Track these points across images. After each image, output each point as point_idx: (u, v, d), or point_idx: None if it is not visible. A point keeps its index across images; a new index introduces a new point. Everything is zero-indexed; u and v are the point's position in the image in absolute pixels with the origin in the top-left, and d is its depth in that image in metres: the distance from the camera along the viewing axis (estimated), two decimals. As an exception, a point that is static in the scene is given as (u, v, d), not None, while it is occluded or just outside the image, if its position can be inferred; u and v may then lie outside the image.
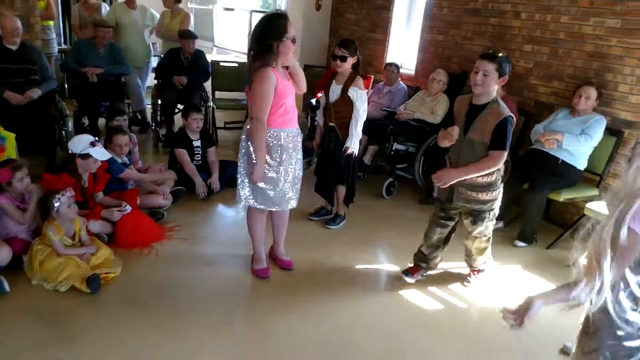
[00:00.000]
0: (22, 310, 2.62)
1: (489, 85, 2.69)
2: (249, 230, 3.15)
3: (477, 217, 2.93)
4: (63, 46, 6.91)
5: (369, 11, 6.37)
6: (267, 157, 2.82)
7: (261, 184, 2.85)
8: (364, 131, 4.70)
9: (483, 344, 2.70)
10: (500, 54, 2.70)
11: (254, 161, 2.80)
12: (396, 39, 6.18)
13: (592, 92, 3.75)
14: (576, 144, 3.69)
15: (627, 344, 1.55)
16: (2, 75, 4.30)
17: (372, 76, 5.92)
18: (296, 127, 2.94)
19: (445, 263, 3.48)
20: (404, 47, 6.15)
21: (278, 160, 2.85)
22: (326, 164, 3.75)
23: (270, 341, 2.56)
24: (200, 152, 4.42)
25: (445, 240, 3.15)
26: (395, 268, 3.37)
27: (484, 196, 2.85)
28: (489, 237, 3.08)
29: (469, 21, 5.04)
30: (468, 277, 3.24)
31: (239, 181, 2.96)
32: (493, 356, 2.62)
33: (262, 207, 2.97)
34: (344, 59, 3.46)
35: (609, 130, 3.81)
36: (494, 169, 2.76)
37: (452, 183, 2.82)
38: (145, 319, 2.63)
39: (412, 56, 5.86)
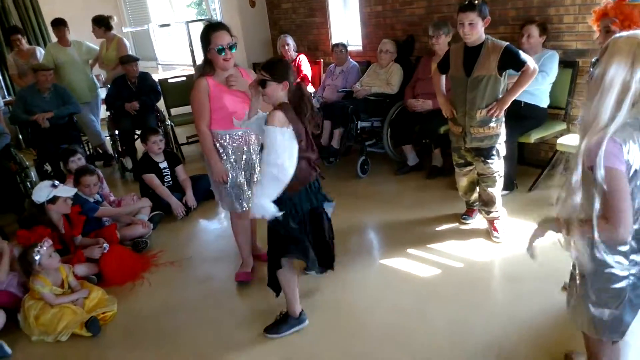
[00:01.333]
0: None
1: (478, 32, 2.92)
2: (235, 239, 3.15)
3: (487, 156, 3.13)
4: (7, 98, 6.71)
5: (304, -3, 6.35)
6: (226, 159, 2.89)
7: (225, 185, 2.92)
8: (326, 116, 4.75)
9: (485, 296, 2.77)
10: (476, 1, 2.87)
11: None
12: (337, 18, 6.18)
13: (534, 30, 3.81)
14: (534, 84, 3.77)
15: (613, 285, 1.60)
16: (-49, 141, 4.18)
17: (322, 60, 5.93)
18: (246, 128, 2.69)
19: (436, 226, 3.55)
20: (346, 25, 6.16)
21: (231, 160, 2.90)
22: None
23: (283, 341, 2.57)
24: (169, 173, 4.38)
25: (477, 182, 3.32)
26: (396, 244, 3.36)
27: (492, 130, 3.07)
28: (501, 175, 3.21)
29: (404, -14, 5.06)
30: (494, 232, 3.28)
31: (214, 191, 3.04)
32: (497, 302, 2.69)
33: (235, 209, 3.00)
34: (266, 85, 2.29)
35: (564, 63, 3.88)
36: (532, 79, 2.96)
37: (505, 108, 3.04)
38: (153, 350, 2.62)
39: (356, 32, 5.87)
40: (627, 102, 1.41)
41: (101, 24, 5.69)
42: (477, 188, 3.38)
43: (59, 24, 5.57)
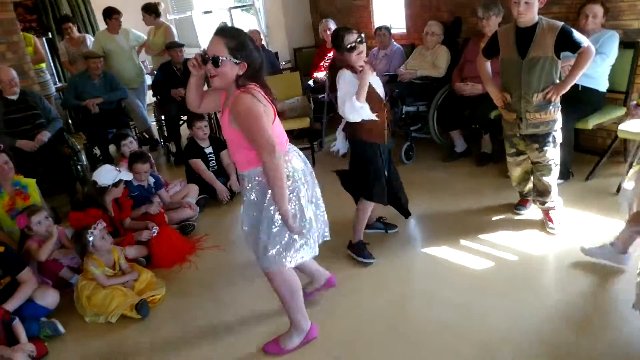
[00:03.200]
0: (83, 353, 2.65)
1: (533, 12, 2.79)
2: (282, 296, 2.34)
3: (542, 141, 3.00)
4: (59, 84, 6.98)
5: (346, -20, 6.25)
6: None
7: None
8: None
9: (540, 291, 2.67)
10: None
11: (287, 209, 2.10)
12: (379, 1, 6.05)
13: (599, 9, 3.59)
14: (592, 66, 3.58)
15: None
16: (9, 126, 4.35)
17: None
18: (241, 170, 2.23)
19: (488, 216, 3.44)
20: (389, 7, 6.03)
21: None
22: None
23: (333, 328, 2.53)
24: (214, 158, 4.42)
25: (531, 171, 3.20)
26: (446, 234, 3.26)
27: (549, 116, 2.94)
28: (557, 163, 3.08)
29: (452, -34, 4.89)
30: (549, 223, 3.15)
31: (260, 246, 2.21)
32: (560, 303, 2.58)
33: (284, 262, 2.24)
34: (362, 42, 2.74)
35: (624, 44, 3.66)
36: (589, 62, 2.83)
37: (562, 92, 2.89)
38: (202, 334, 2.65)
39: (400, 15, 5.74)
40: None
41: (151, 11, 5.92)
42: (532, 177, 3.23)
43: (115, 13, 5.71)
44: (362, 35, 2.74)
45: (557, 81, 2.91)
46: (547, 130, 2.98)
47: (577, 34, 2.80)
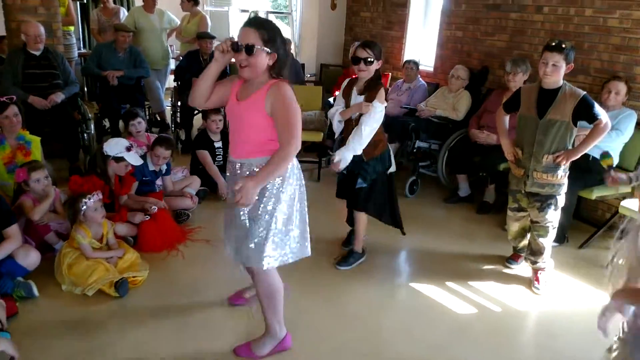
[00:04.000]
0: (52, 319, 2.62)
1: (559, 75, 2.83)
2: (263, 296, 2.31)
3: (544, 202, 3.02)
4: (83, 50, 6.99)
5: (384, 8, 6.34)
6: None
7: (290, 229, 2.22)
8: (385, 130, 4.69)
9: (518, 347, 2.66)
10: (565, 45, 2.79)
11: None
12: (413, 35, 6.13)
13: (622, 87, 3.68)
14: (607, 140, 3.61)
15: None
16: (26, 80, 4.35)
17: (390, 73, 5.88)
18: (241, 157, 2.18)
19: (478, 264, 3.45)
20: (421, 44, 6.10)
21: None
22: (347, 187, 3.20)
23: (297, 343, 2.52)
24: (222, 153, 4.42)
25: (529, 229, 3.22)
26: (434, 273, 3.27)
27: (556, 178, 2.97)
28: (555, 227, 3.10)
29: (489, 16, 4.97)
30: (535, 282, 3.15)
31: (255, 240, 2.16)
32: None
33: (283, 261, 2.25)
34: (369, 63, 2.93)
35: (640, 126, 3.72)
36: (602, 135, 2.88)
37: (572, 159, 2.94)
38: (175, 324, 2.62)
39: (430, 53, 5.81)
40: None
41: None
42: (528, 235, 3.25)
43: None
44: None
45: (570, 147, 2.94)
46: (551, 193, 3.00)
47: (597, 107, 2.84)
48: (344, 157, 2.96)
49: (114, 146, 3.36)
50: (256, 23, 2.02)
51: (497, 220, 4.02)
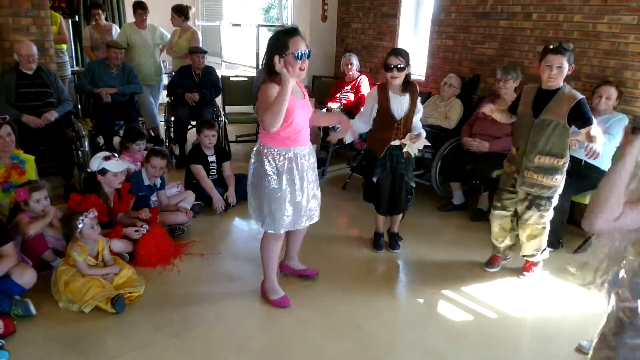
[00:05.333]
0: (50, 337, 2.61)
1: (562, 77, 2.88)
2: (263, 258, 2.93)
3: (532, 202, 3.06)
4: (75, 68, 7.02)
5: (375, 19, 6.38)
6: (284, 178, 2.67)
7: (285, 206, 2.70)
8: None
9: (514, 352, 2.67)
10: (566, 46, 2.86)
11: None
12: (404, 45, 6.17)
13: (613, 92, 3.71)
14: (599, 144, 3.66)
15: None
16: (19, 100, 4.37)
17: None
18: (308, 145, 2.79)
19: (473, 271, 3.46)
20: (412, 53, 6.13)
21: (297, 181, 2.70)
22: (395, 188, 3.51)
23: (292, 355, 2.52)
24: (216, 167, 4.43)
25: (511, 229, 3.30)
26: (429, 281, 3.30)
27: (549, 181, 2.99)
28: (544, 227, 3.14)
29: (479, 24, 5.02)
30: (523, 272, 3.30)
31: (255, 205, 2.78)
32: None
33: (276, 229, 2.76)
34: (401, 69, 3.27)
35: (632, 129, 3.75)
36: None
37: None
38: (172, 339, 2.62)
39: (422, 62, 5.84)
40: None
41: (181, 13, 5.99)
42: (508, 236, 3.33)
43: (141, 8, 5.79)
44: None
45: (566, 150, 2.97)
46: (540, 194, 3.04)
47: (589, 112, 2.87)
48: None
49: (94, 161, 3.43)
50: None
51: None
